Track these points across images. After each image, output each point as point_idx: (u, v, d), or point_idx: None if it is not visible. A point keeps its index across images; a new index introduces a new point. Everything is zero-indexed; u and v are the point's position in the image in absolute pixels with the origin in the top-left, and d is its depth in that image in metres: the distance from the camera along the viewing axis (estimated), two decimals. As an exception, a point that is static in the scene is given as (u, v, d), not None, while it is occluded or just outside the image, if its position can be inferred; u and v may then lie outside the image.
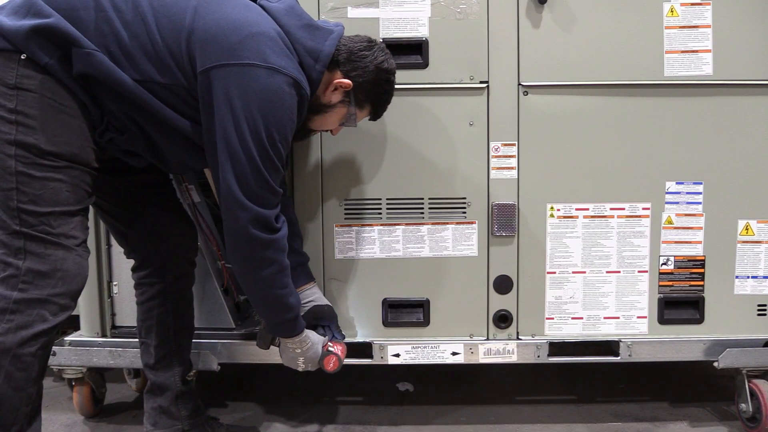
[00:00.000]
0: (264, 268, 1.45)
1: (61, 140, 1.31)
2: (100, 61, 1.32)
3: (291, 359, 1.65)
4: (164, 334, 1.71)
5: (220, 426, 1.81)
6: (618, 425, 1.91)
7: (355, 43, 1.54)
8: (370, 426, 1.93)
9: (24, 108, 1.29)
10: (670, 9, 1.79)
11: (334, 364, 1.67)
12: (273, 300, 1.51)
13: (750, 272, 1.86)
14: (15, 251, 1.28)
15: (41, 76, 1.30)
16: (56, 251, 1.30)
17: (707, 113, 1.81)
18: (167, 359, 1.72)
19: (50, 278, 1.29)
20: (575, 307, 1.87)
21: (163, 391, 1.72)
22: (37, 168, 1.29)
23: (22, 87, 1.29)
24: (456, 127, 1.82)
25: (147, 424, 1.74)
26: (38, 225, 1.28)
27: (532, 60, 1.80)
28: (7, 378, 1.25)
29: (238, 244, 1.43)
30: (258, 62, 1.35)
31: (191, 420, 1.74)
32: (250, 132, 1.35)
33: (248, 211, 1.39)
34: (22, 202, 1.28)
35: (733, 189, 1.84)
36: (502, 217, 1.83)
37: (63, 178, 1.32)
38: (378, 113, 1.64)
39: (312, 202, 1.85)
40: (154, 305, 1.70)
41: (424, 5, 1.79)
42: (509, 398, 2.12)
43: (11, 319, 1.26)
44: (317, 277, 1.86)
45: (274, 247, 1.45)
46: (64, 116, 1.33)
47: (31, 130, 1.28)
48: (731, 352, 1.81)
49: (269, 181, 1.40)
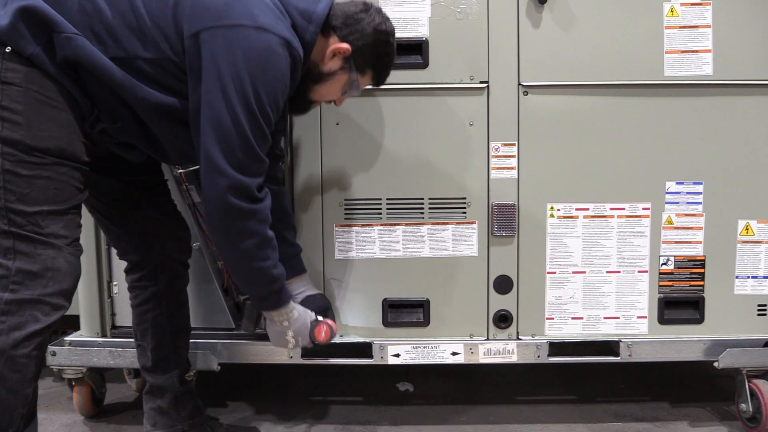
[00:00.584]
0: (244, 240, 1.39)
1: (48, 135, 1.28)
2: (81, 45, 1.28)
3: (279, 334, 1.58)
4: (160, 337, 1.69)
5: (219, 426, 1.81)
6: (618, 425, 1.91)
7: (350, 7, 1.50)
8: (370, 426, 1.93)
9: (9, 103, 1.25)
10: (670, 9, 1.80)
11: (326, 333, 1.60)
12: (256, 273, 1.45)
13: (750, 272, 1.86)
14: (4, 251, 1.26)
15: (26, 69, 1.27)
16: (46, 251, 1.27)
17: (707, 113, 1.81)
18: (164, 361, 1.71)
19: (41, 278, 1.27)
20: (575, 307, 1.87)
21: (162, 393, 1.72)
22: (24, 166, 1.26)
23: (7, 81, 1.25)
24: (456, 127, 1.82)
25: (147, 424, 1.74)
26: (27, 225, 1.26)
27: (532, 60, 1.80)
28: (2, 380, 1.24)
29: (215, 214, 1.37)
30: (246, 22, 1.29)
31: (191, 420, 1.74)
32: (237, 94, 1.29)
33: (227, 177, 1.32)
34: (9, 202, 1.25)
35: (733, 189, 1.84)
36: (502, 217, 1.83)
37: (50, 175, 1.28)
38: (381, 78, 1.59)
39: (312, 202, 1.85)
40: (149, 308, 1.68)
41: (424, 5, 1.79)
42: (509, 398, 2.12)
43: (3, 320, 1.24)
44: (317, 277, 1.87)
45: (256, 218, 1.38)
46: (50, 109, 1.29)
47: (16, 125, 1.25)
48: (731, 352, 1.81)
49: (254, 147, 1.33)
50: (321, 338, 1.60)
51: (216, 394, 2.15)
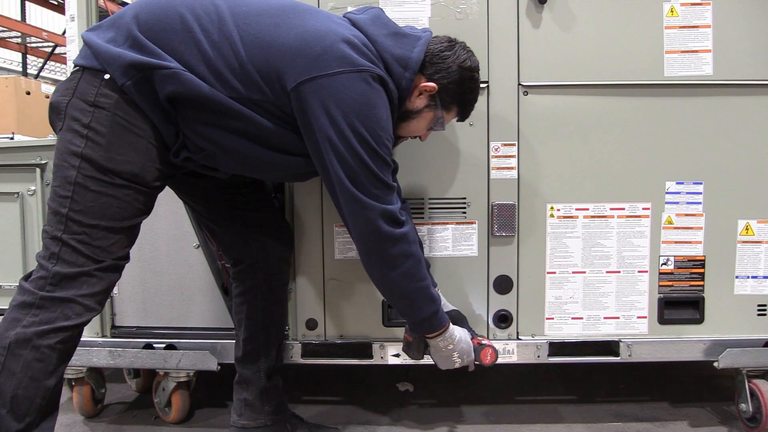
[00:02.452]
0: (402, 263, 1.46)
1: (124, 159, 1.36)
2: (188, 79, 1.35)
3: (445, 358, 1.62)
4: (252, 329, 1.73)
5: (302, 424, 1.83)
6: (618, 425, 1.91)
7: (435, 45, 1.53)
8: (370, 426, 1.93)
9: (96, 125, 1.35)
10: (670, 9, 1.80)
11: (491, 356, 1.65)
12: (416, 294, 1.51)
13: (750, 272, 1.86)
14: (49, 255, 1.33)
15: (117, 96, 1.36)
16: (86, 261, 1.34)
17: (707, 113, 1.81)
18: (253, 353, 1.74)
19: (75, 281, 1.33)
20: (575, 307, 1.87)
21: (248, 385, 1.75)
22: (95, 182, 1.34)
23: (99, 105, 1.35)
24: (456, 127, 1.82)
25: (233, 414, 1.78)
26: (80, 234, 1.33)
27: (532, 60, 1.80)
28: (25, 367, 1.29)
29: (372, 245, 1.44)
30: (345, 68, 1.36)
31: (274, 416, 1.77)
32: (355, 136, 1.37)
33: (373, 210, 1.41)
34: (72, 211, 1.33)
35: (733, 189, 1.84)
36: (502, 217, 1.83)
37: (116, 194, 1.36)
38: (466, 113, 1.62)
39: (312, 202, 1.85)
40: (245, 300, 1.73)
41: (424, 5, 1.79)
42: (509, 398, 2.12)
43: (36, 313, 1.31)
44: (317, 277, 1.87)
45: (406, 239, 1.45)
46: (131, 136, 1.37)
47: (98, 146, 1.34)
48: (731, 352, 1.81)
49: (383, 178, 1.41)
50: (487, 361, 1.65)
51: (216, 394, 2.15)
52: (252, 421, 1.75)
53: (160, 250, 1.94)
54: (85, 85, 1.37)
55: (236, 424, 1.76)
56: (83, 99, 1.36)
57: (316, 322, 1.88)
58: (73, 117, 1.36)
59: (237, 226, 1.69)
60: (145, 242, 1.93)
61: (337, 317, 1.88)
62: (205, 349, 1.85)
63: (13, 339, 1.29)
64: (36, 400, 1.30)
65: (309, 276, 1.87)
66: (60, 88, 1.41)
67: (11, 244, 2.05)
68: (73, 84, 1.37)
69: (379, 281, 1.50)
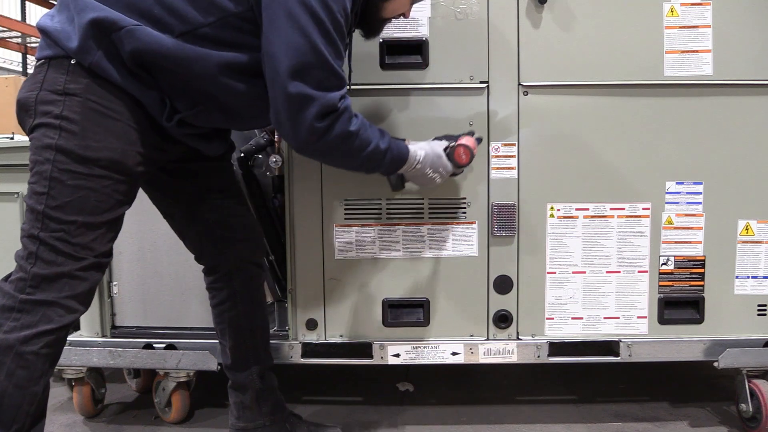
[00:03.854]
0: (342, 144, 1.43)
1: (101, 145, 1.30)
2: (145, 34, 1.29)
3: (421, 177, 1.63)
4: (238, 336, 1.71)
5: (301, 422, 1.81)
6: (618, 425, 1.91)
7: None
8: (370, 426, 1.93)
9: (69, 113, 1.29)
10: (670, 9, 1.80)
11: (465, 154, 1.61)
12: (368, 159, 1.50)
13: (750, 272, 1.86)
14: (27, 255, 1.29)
15: (87, 80, 1.30)
16: (66, 261, 1.29)
17: (707, 113, 1.81)
18: (243, 359, 1.72)
19: (56, 282, 1.29)
20: (575, 307, 1.87)
21: (243, 389, 1.73)
22: (71, 175, 1.29)
23: (69, 92, 1.29)
24: (456, 127, 1.82)
25: (231, 417, 1.76)
26: (58, 231, 1.28)
27: (532, 60, 1.80)
28: (9, 375, 1.25)
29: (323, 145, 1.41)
30: None
31: (272, 416, 1.75)
32: (303, 8, 1.30)
33: (314, 102, 1.34)
34: (49, 207, 1.28)
35: (733, 189, 1.84)
36: (502, 217, 1.83)
37: (94, 186, 1.31)
38: None
39: (312, 202, 1.85)
40: (225, 309, 1.70)
41: (424, 5, 1.79)
42: (509, 398, 2.12)
43: (18, 317, 1.27)
44: (317, 277, 1.86)
45: (343, 119, 1.40)
46: (107, 120, 1.31)
47: (72, 135, 1.28)
48: (731, 352, 1.81)
49: (330, 62, 1.35)
50: (463, 161, 1.62)
51: (216, 394, 2.15)
52: (251, 422, 1.74)
53: (160, 250, 1.94)
54: (52, 75, 1.31)
55: (235, 426, 1.75)
56: (52, 90, 1.30)
57: (316, 322, 1.88)
58: (44, 111, 1.30)
59: (213, 232, 1.64)
60: (145, 242, 1.93)
61: (337, 317, 1.88)
62: (205, 349, 1.85)
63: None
64: (23, 407, 1.27)
65: (309, 276, 1.87)
66: (26, 84, 1.35)
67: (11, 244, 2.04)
68: (40, 77, 1.32)
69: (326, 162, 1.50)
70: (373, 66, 1.80)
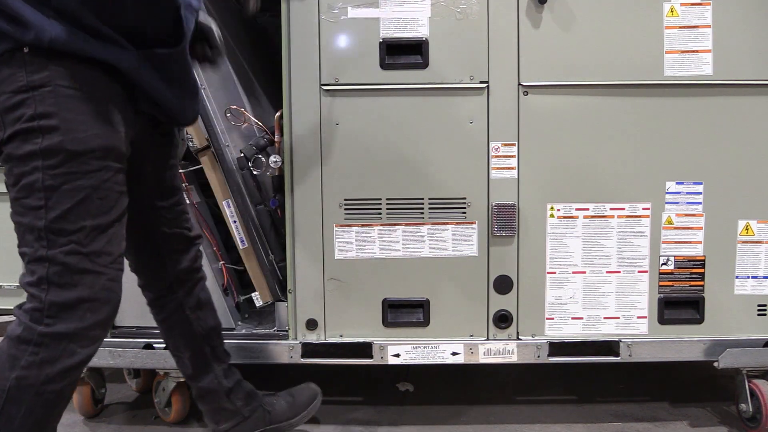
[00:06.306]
0: None
1: (88, 135, 1.16)
2: None
3: None
4: (194, 344, 1.62)
5: (277, 398, 1.78)
6: (618, 425, 1.91)
7: None
8: (370, 426, 1.93)
9: (43, 109, 1.13)
10: (670, 9, 1.80)
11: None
12: None
13: (750, 272, 1.86)
14: (38, 281, 1.15)
15: (50, 64, 1.14)
16: (83, 278, 1.16)
17: (707, 113, 1.81)
18: (204, 365, 1.65)
19: (76, 310, 1.16)
20: (575, 307, 1.87)
21: (212, 395, 1.67)
22: (66, 177, 1.15)
23: (35, 85, 1.13)
24: (456, 127, 1.82)
25: (210, 423, 1.71)
26: (67, 244, 1.15)
27: (532, 60, 1.80)
28: (28, 413, 1.15)
29: None
30: None
31: (249, 407, 1.70)
32: None
33: None
34: (50, 221, 1.14)
35: (733, 189, 1.84)
36: (502, 217, 1.83)
37: (92, 183, 1.17)
38: None
39: (312, 202, 1.85)
40: (174, 322, 1.60)
41: (424, 5, 1.79)
42: (509, 398, 2.12)
43: (36, 352, 1.14)
44: (317, 277, 1.86)
45: None
46: (87, 104, 1.16)
47: (54, 132, 1.13)
48: (731, 352, 1.81)
49: None
50: None
51: (216, 394, 2.15)
52: (231, 421, 1.69)
53: (160, 250, 1.94)
54: (6, 73, 1.13)
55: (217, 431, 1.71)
56: (13, 90, 1.13)
57: (316, 322, 1.88)
58: (13, 118, 1.13)
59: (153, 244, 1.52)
60: (145, 242, 1.93)
61: (337, 317, 1.88)
62: (205, 349, 1.85)
63: (13, 383, 1.13)
64: None
65: (309, 276, 1.87)
66: None
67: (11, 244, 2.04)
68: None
69: None
70: (373, 66, 1.80)
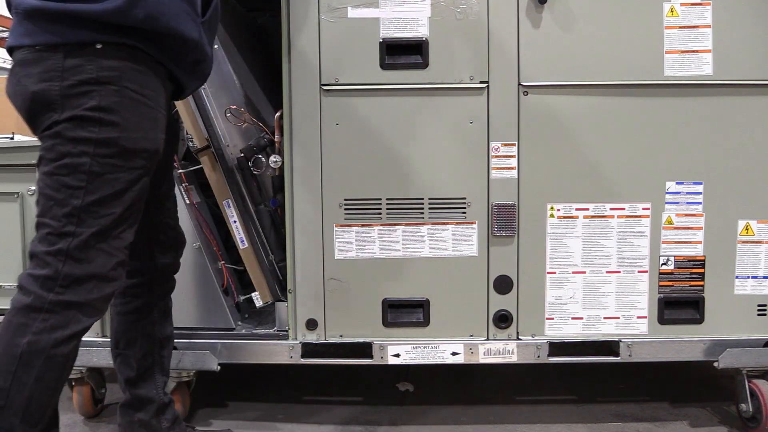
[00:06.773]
0: None
1: (140, 136, 1.26)
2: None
3: None
4: (148, 346, 1.62)
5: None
6: (618, 425, 1.91)
7: None
8: (370, 426, 1.93)
9: (106, 104, 1.22)
10: (670, 9, 1.80)
11: None
12: None
13: (750, 272, 1.86)
14: (57, 252, 1.22)
15: (122, 64, 1.24)
16: (98, 258, 1.25)
17: (707, 113, 1.81)
18: (150, 371, 1.63)
19: (86, 284, 1.24)
20: (575, 307, 1.87)
21: (144, 405, 1.63)
22: (112, 168, 1.24)
23: (103, 80, 1.22)
24: (456, 127, 1.82)
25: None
26: (95, 226, 1.24)
27: (532, 60, 1.80)
28: (39, 378, 1.22)
29: None
30: None
31: (172, 429, 1.67)
32: None
33: None
34: (87, 203, 1.22)
35: (733, 189, 1.84)
36: (502, 217, 1.83)
37: (132, 178, 1.27)
38: None
39: (312, 202, 1.85)
40: (140, 317, 1.61)
41: (424, 5, 1.79)
42: (509, 398, 2.12)
43: (47, 318, 1.22)
44: (317, 277, 1.86)
45: None
46: (144, 108, 1.27)
47: (113, 127, 1.23)
48: (731, 352, 1.81)
49: None
50: None
51: (216, 394, 2.15)
52: None
53: (160, 250, 1.94)
54: (74, 63, 1.20)
55: None
56: (81, 80, 1.20)
57: (316, 322, 1.88)
58: (75, 104, 1.20)
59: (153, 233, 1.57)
60: (145, 242, 1.93)
61: (337, 317, 1.88)
62: (205, 349, 1.85)
63: (25, 348, 1.20)
64: (48, 410, 1.25)
65: (309, 276, 1.87)
66: (33, 73, 1.21)
67: (11, 244, 2.05)
68: (56, 65, 1.20)
69: None
70: (373, 66, 1.80)
